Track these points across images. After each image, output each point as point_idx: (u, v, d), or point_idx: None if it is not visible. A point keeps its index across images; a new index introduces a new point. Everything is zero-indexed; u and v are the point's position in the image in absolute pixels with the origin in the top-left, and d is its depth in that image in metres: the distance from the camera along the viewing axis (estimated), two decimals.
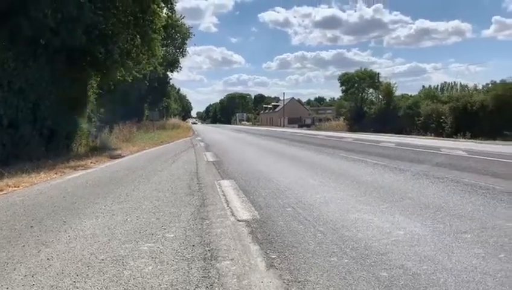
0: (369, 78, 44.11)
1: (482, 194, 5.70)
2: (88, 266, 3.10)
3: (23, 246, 3.65)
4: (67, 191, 6.62)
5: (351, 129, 39.42)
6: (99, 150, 14.06)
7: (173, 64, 37.49)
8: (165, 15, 18.67)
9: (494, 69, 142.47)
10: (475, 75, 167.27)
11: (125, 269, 3.04)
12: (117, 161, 11.95)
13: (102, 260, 3.24)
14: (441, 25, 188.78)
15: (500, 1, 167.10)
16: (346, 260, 3.15)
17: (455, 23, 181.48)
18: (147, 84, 29.73)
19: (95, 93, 15.78)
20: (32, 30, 10.37)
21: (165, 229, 4.13)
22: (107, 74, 15.10)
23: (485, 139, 20.99)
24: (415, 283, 2.72)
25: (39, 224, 4.42)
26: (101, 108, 18.17)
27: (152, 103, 40.33)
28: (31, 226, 4.32)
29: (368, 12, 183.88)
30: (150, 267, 3.06)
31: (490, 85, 30.25)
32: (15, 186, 6.97)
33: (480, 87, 30.79)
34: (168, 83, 43.82)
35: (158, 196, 5.93)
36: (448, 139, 23.21)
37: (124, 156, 13.22)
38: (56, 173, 8.63)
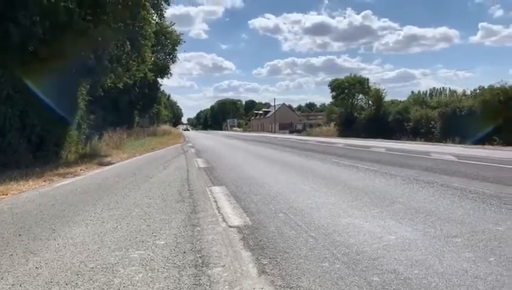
0: (359, 84, 44.37)
1: (471, 199, 5.75)
2: (77, 275, 3.05)
3: (11, 254, 3.59)
4: (56, 198, 6.54)
5: (342, 134, 39.57)
6: (89, 157, 13.97)
7: (163, 71, 37.40)
8: (155, 22, 18.71)
9: (482, 74, 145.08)
10: (463, 80, 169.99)
11: (116, 277, 3.00)
12: (107, 167, 11.85)
13: (92, 268, 3.20)
14: (429, 32, 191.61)
15: (486, 8, 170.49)
16: (338, 265, 3.15)
17: (443, 29, 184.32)
18: (137, 90, 29.62)
19: (85, 99, 15.68)
20: (20, 37, 10.29)
21: (155, 236, 4.10)
22: (97, 80, 15.05)
23: (473, 144, 21.22)
24: (407, 287, 2.73)
25: (27, 232, 4.35)
26: (91, 115, 18.03)
27: (142, 110, 40.09)
28: (19, 235, 4.26)
29: (357, 19, 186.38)
30: (141, 275, 3.02)
31: (478, 90, 30.54)
32: (3, 194, 6.87)
33: (468, 92, 31.11)
34: (159, 89, 43.61)
35: (149, 203, 5.88)
36: (438, 144, 23.40)
37: (114, 163, 13.13)
38: (45, 181, 8.54)
